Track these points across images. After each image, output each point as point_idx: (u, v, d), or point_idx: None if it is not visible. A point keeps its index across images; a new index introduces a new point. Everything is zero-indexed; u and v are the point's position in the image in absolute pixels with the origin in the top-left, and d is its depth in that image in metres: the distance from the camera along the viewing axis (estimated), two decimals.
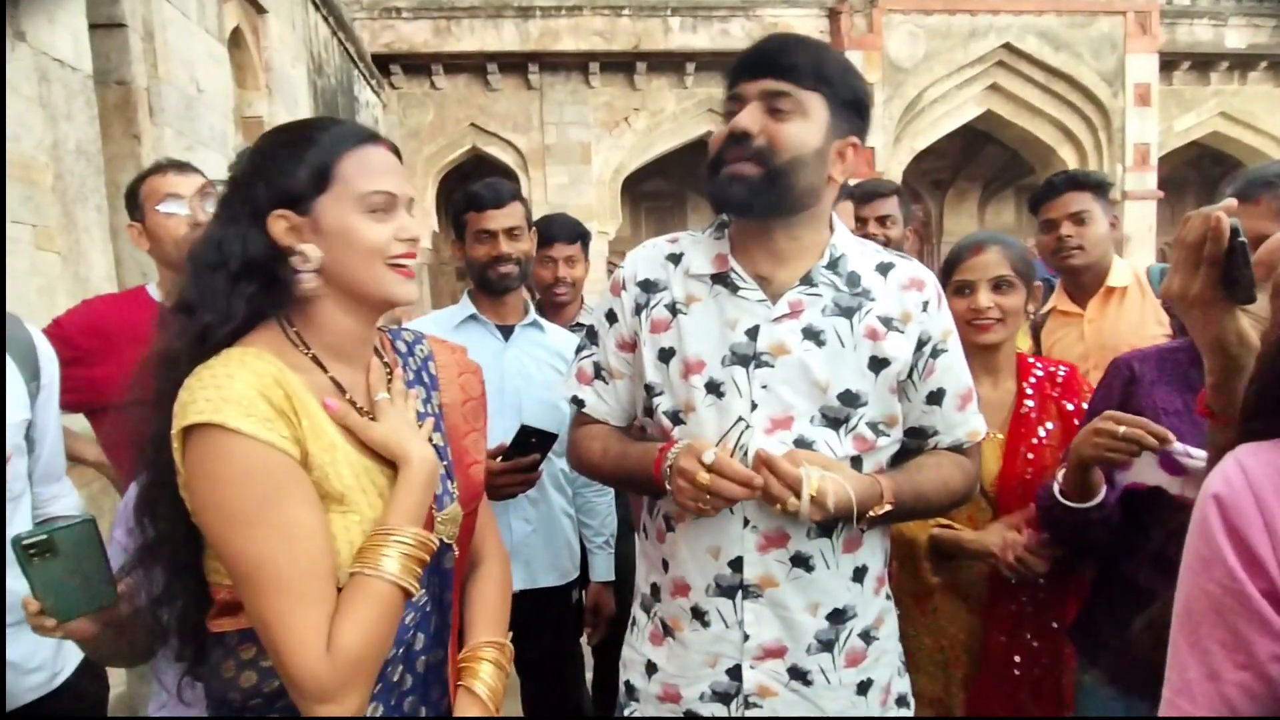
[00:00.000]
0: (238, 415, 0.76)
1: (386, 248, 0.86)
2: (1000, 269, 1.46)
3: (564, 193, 11.28)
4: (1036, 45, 11.17)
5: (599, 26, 10.94)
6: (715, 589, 1.09)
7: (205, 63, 4.35)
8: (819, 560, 1.08)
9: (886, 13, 10.96)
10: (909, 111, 11.37)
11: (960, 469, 1.15)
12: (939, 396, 1.14)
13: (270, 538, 0.76)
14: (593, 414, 1.21)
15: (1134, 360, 1.27)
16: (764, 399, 1.06)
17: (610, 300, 1.19)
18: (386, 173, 0.87)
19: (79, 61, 2.93)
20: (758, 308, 1.09)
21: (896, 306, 1.11)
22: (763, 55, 1.04)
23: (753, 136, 1.03)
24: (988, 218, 15.66)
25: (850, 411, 1.07)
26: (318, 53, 7.12)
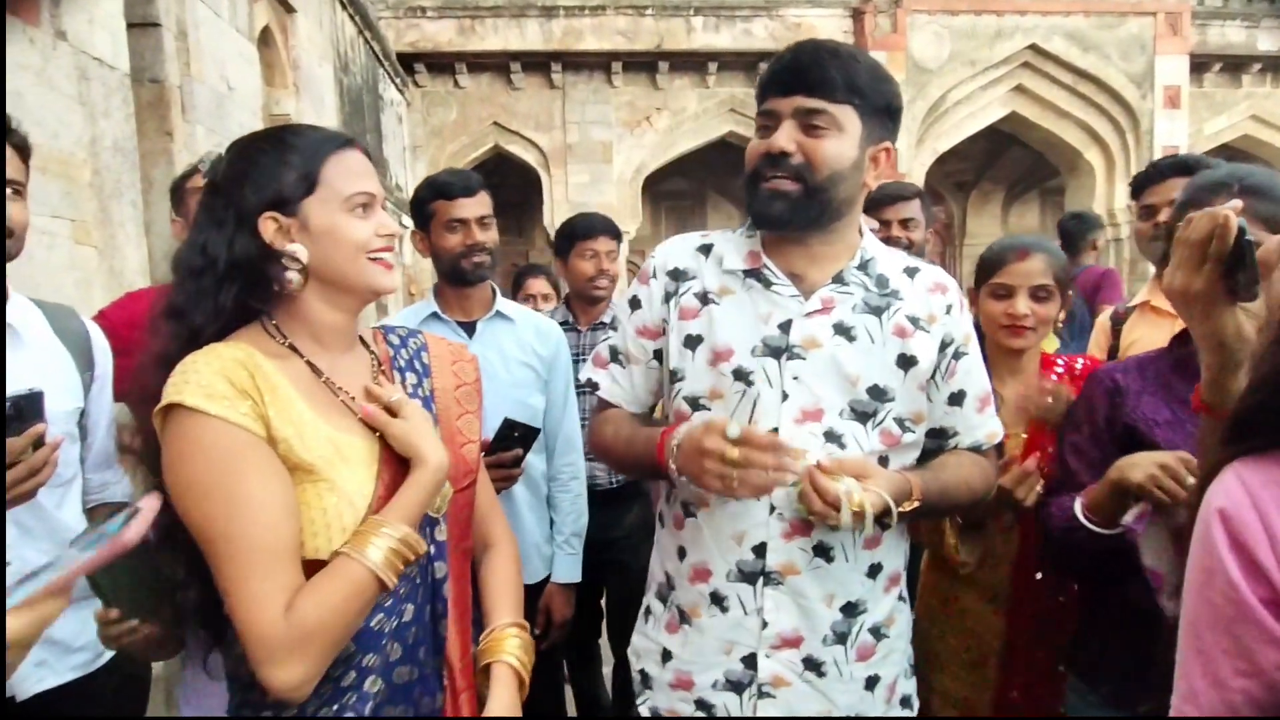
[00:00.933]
0: (196, 395, 0.82)
1: (369, 243, 0.93)
2: (1043, 278, 1.47)
3: (585, 191, 11.32)
4: (1064, 46, 11.04)
5: (622, 26, 10.97)
6: (737, 574, 1.11)
7: (236, 61, 4.43)
8: (839, 552, 1.10)
9: (911, 13, 10.89)
10: (932, 113, 11.28)
11: (980, 469, 1.18)
12: (960, 398, 1.17)
13: (227, 508, 0.80)
14: (607, 398, 1.23)
15: (1115, 372, 1.26)
16: (795, 390, 1.09)
17: (637, 288, 1.21)
18: (365, 175, 0.94)
19: (117, 60, 3.00)
20: (790, 303, 1.11)
21: (923, 308, 1.14)
22: (795, 71, 1.05)
23: (790, 155, 1.06)
24: (1011, 220, 15.50)
25: (878, 406, 1.09)
26: (344, 51, 7.21)
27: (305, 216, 0.90)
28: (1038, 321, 1.46)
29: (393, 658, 0.90)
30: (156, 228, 3.29)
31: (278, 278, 0.89)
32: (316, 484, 0.87)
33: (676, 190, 14.36)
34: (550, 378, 1.92)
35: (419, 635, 0.93)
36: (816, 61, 1.06)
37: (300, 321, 0.93)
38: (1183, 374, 1.18)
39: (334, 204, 0.90)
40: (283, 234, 0.89)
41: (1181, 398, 1.17)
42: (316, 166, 0.90)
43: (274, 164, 0.89)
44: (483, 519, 1.10)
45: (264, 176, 0.89)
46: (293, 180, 0.89)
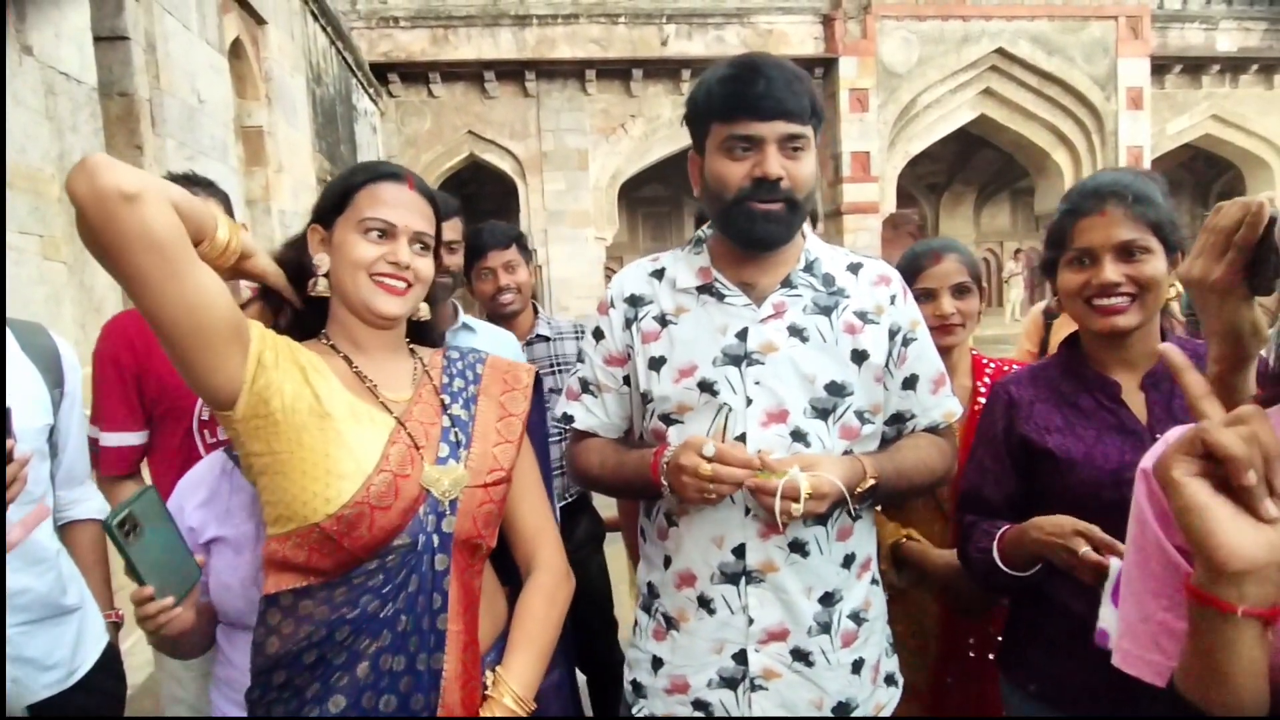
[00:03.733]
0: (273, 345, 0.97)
1: (372, 264, 0.99)
2: (960, 276, 1.53)
3: (561, 199, 11.33)
4: (1029, 50, 11.27)
5: (595, 34, 11.02)
6: (720, 576, 1.15)
7: (206, 73, 4.40)
8: (814, 546, 1.14)
9: (880, 19, 11.05)
10: (903, 116, 11.45)
11: (937, 448, 1.22)
12: (913, 381, 1.21)
13: None
14: (584, 428, 1.26)
15: (1010, 384, 1.28)
16: (758, 394, 1.13)
17: (599, 319, 1.25)
18: (393, 205, 1.01)
19: (84, 74, 2.98)
20: (745, 311, 1.16)
21: (869, 301, 1.18)
22: (777, 98, 1.08)
23: (781, 180, 1.10)
24: (983, 221, 15.74)
25: (837, 401, 1.13)
26: (316, 62, 7.18)
27: (333, 231, 1.01)
28: (964, 317, 1.53)
29: (383, 644, 0.91)
30: None
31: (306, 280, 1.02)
32: (323, 430, 0.93)
33: (653, 196, 14.42)
34: None
35: (409, 625, 0.93)
36: (792, 88, 1.09)
37: (338, 325, 1.05)
38: (1073, 378, 1.21)
39: (352, 223, 1.00)
40: (322, 245, 1.02)
41: (1072, 402, 1.20)
42: (353, 190, 1.01)
43: (333, 185, 1.04)
44: (529, 539, 1.11)
45: (324, 194, 1.04)
46: (332, 200, 1.02)
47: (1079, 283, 1.16)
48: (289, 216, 5.98)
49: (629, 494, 1.29)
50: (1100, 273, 1.13)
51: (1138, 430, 1.15)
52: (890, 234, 3.49)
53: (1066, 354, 1.26)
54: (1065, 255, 1.18)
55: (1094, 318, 1.16)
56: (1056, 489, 1.16)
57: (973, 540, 1.24)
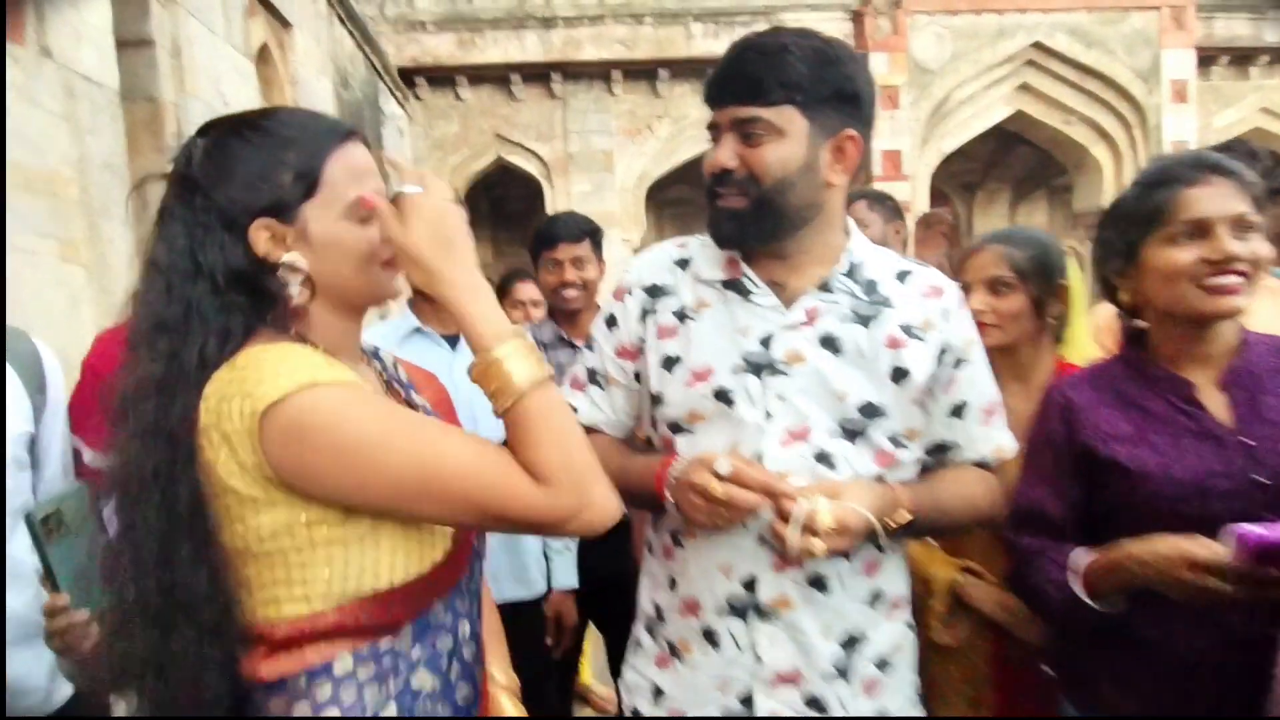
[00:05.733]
0: (330, 374, 0.75)
1: (379, 252, 0.83)
2: (994, 269, 1.39)
3: (588, 200, 11.29)
4: (1067, 43, 10.95)
5: (621, 35, 10.96)
6: (727, 609, 1.04)
7: (232, 78, 4.41)
8: (835, 581, 1.03)
9: (911, 14, 10.83)
10: (936, 113, 11.20)
11: (985, 485, 1.11)
12: (962, 409, 1.09)
13: (421, 440, 0.75)
14: (587, 423, 1.15)
15: (1066, 388, 1.15)
16: (779, 409, 1.02)
17: (612, 305, 1.15)
18: (370, 173, 0.84)
19: (105, 77, 2.97)
20: (771, 314, 1.05)
21: (917, 314, 1.06)
22: (726, 79, 1.00)
23: (733, 170, 1.01)
24: (1019, 219, 15.38)
25: (869, 424, 1.02)
26: (343, 66, 7.21)
27: (304, 223, 0.79)
28: (1000, 318, 1.37)
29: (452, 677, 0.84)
30: None
31: (277, 291, 0.78)
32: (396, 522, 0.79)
33: (680, 198, 14.32)
34: None
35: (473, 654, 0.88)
36: (743, 66, 1.00)
37: (319, 332, 0.83)
38: (1138, 378, 1.09)
39: (337, 210, 0.80)
40: (277, 243, 0.79)
41: (1140, 406, 1.07)
42: (318, 165, 0.79)
43: (266, 160, 0.77)
44: None
45: (255, 175, 0.76)
46: (290, 181, 0.78)
47: (1189, 260, 1.01)
48: None
49: (630, 503, 1.20)
50: (1219, 245, 1.00)
51: (1220, 435, 1.02)
52: (922, 233, 3.38)
53: (1128, 351, 1.14)
54: (1164, 231, 1.04)
55: (1205, 299, 1.02)
56: (1128, 504, 1.03)
57: (1039, 569, 1.10)
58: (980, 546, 1.36)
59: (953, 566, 1.35)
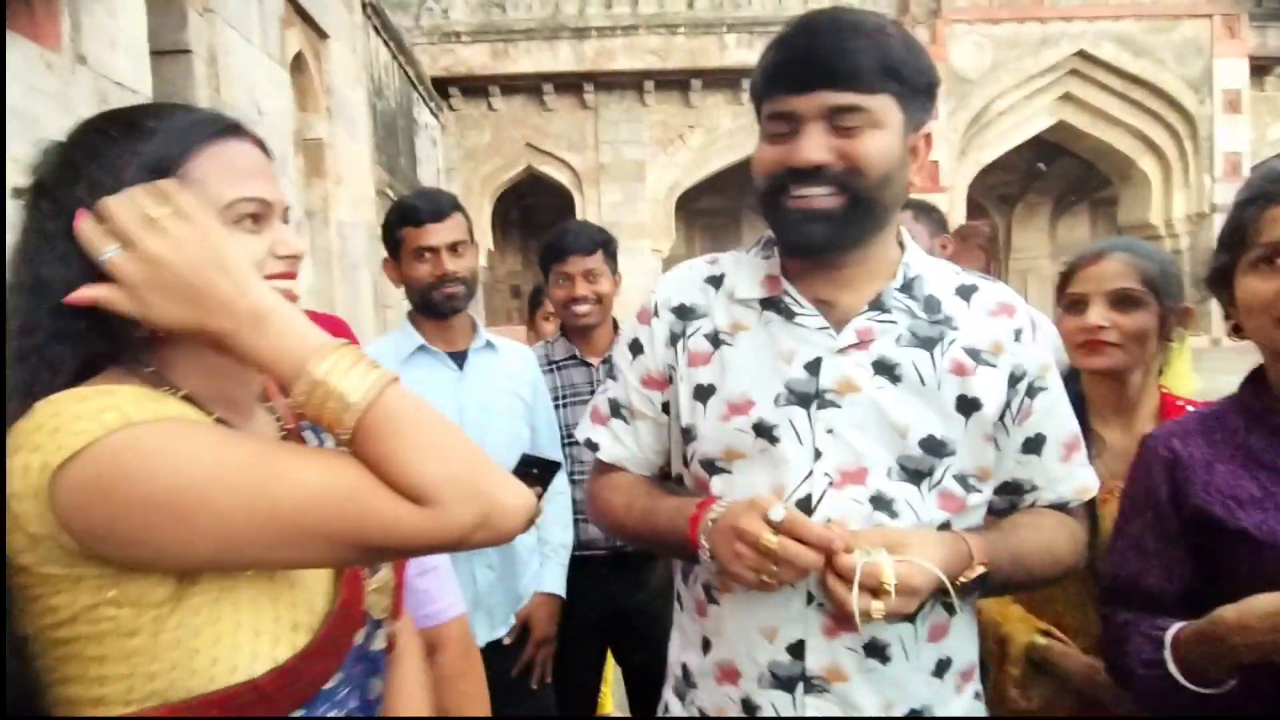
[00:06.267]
0: (120, 414, 0.58)
1: (260, 267, 0.68)
2: (1122, 280, 1.20)
3: (618, 210, 11.24)
4: (1114, 52, 10.69)
5: (654, 45, 10.93)
6: (770, 679, 0.90)
7: (267, 86, 4.41)
8: (897, 649, 0.89)
9: (951, 23, 10.67)
10: (975, 124, 11.00)
11: (1066, 530, 0.97)
12: (1038, 444, 0.95)
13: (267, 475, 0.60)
14: (610, 460, 1.03)
15: (1172, 438, 0.98)
16: (830, 446, 0.89)
17: (637, 329, 1.02)
18: (256, 174, 0.70)
19: (139, 85, 2.95)
20: (818, 337, 0.91)
21: (985, 336, 0.93)
22: (815, 59, 0.85)
23: (825, 166, 0.86)
24: (1060, 233, 15.03)
25: (935, 462, 0.89)
26: (378, 76, 7.24)
27: None
28: (1123, 336, 1.18)
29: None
30: None
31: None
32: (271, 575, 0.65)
33: (711, 208, 14.24)
34: (534, 404, 1.79)
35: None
36: (841, 45, 0.85)
37: (182, 371, 0.68)
38: (1263, 429, 0.92)
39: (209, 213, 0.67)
40: None
41: (1267, 463, 0.90)
42: (179, 159, 0.66)
43: (120, 155, 0.65)
44: None
45: (103, 172, 0.64)
46: (135, 175, 0.64)
47: (1271, 291, 0.85)
48: (347, 228, 6.00)
49: (659, 550, 1.07)
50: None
51: None
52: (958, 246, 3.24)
53: (1246, 395, 0.97)
54: (1247, 255, 0.89)
55: None
56: (1253, 580, 0.85)
57: (1131, 647, 0.94)
58: (1069, 597, 1.22)
59: (1031, 627, 1.21)
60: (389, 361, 1.68)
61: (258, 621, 0.64)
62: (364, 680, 0.74)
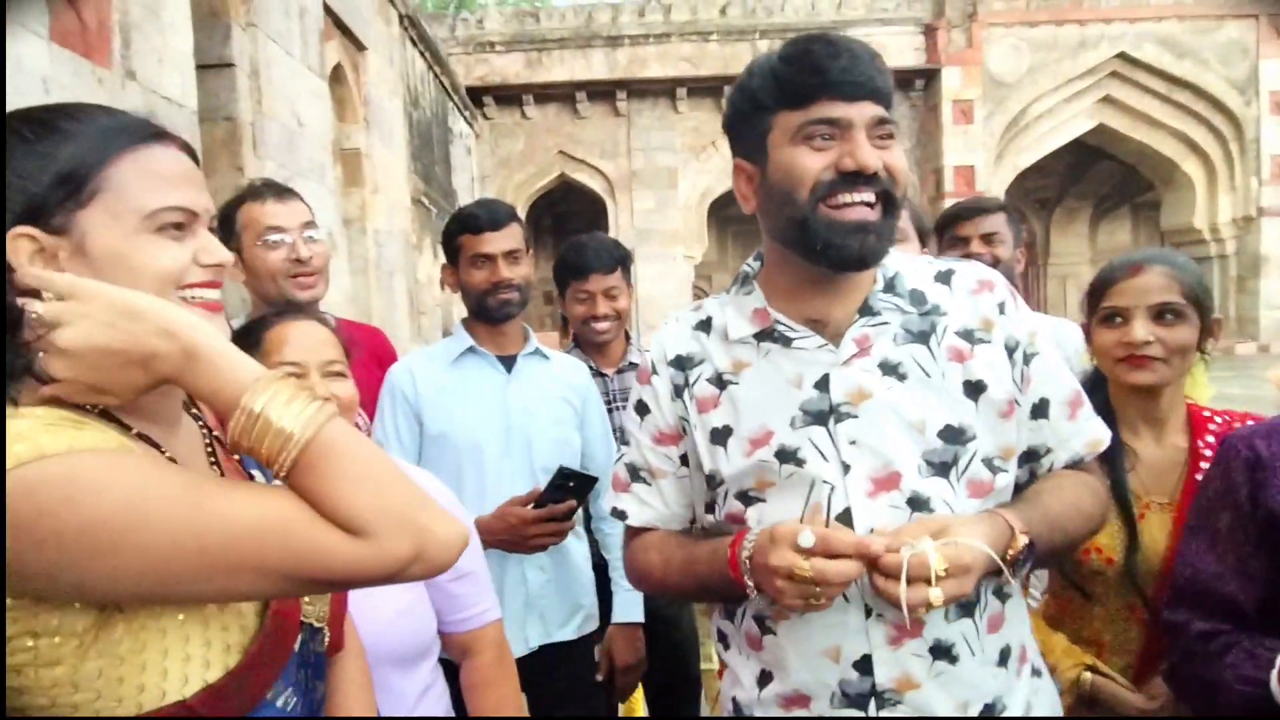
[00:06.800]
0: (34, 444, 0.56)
1: (181, 275, 0.67)
2: (1165, 294, 1.18)
3: (650, 217, 11.28)
4: (1155, 53, 10.44)
5: (687, 52, 10.97)
6: (841, 698, 0.89)
7: (307, 98, 4.54)
8: (963, 647, 0.89)
9: (987, 27, 10.52)
10: (1012, 128, 10.82)
11: (1088, 487, 0.97)
12: (1044, 408, 0.96)
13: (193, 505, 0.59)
14: (639, 524, 1.04)
15: (1255, 438, 0.96)
16: (857, 457, 0.90)
17: (639, 390, 1.04)
18: (181, 181, 0.68)
19: (185, 99, 3.07)
20: (820, 355, 0.93)
21: (973, 315, 0.95)
22: (864, 73, 0.89)
23: (878, 174, 0.89)
24: (1100, 239, 14.69)
25: (958, 450, 0.90)
26: (414, 86, 7.40)
27: (81, 235, 0.64)
28: (1168, 350, 1.17)
29: None
30: None
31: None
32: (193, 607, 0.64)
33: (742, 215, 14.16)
34: (585, 415, 1.80)
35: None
36: (876, 64, 0.90)
37: None
38: None
39: (128, 221, 0.65)
40: (45, 259, 0.63)
41: None
42: (98, 164, 0.64)
43: (34, 158, 0.63)
44: None
45: (17, 175, 0.63)
46: (51, 181, 0.63)
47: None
48: (383, 235, 6.13)
49: (707, 596, 1.04)
50: None
51: None
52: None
53: None
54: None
55: None
56: None
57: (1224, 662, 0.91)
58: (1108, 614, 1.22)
59: (1077, 660, 1.19)
60: (438, 364, 1.73)
61: (187, 647, 0.63)
62: (309, 683, 0.74)
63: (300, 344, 0.98)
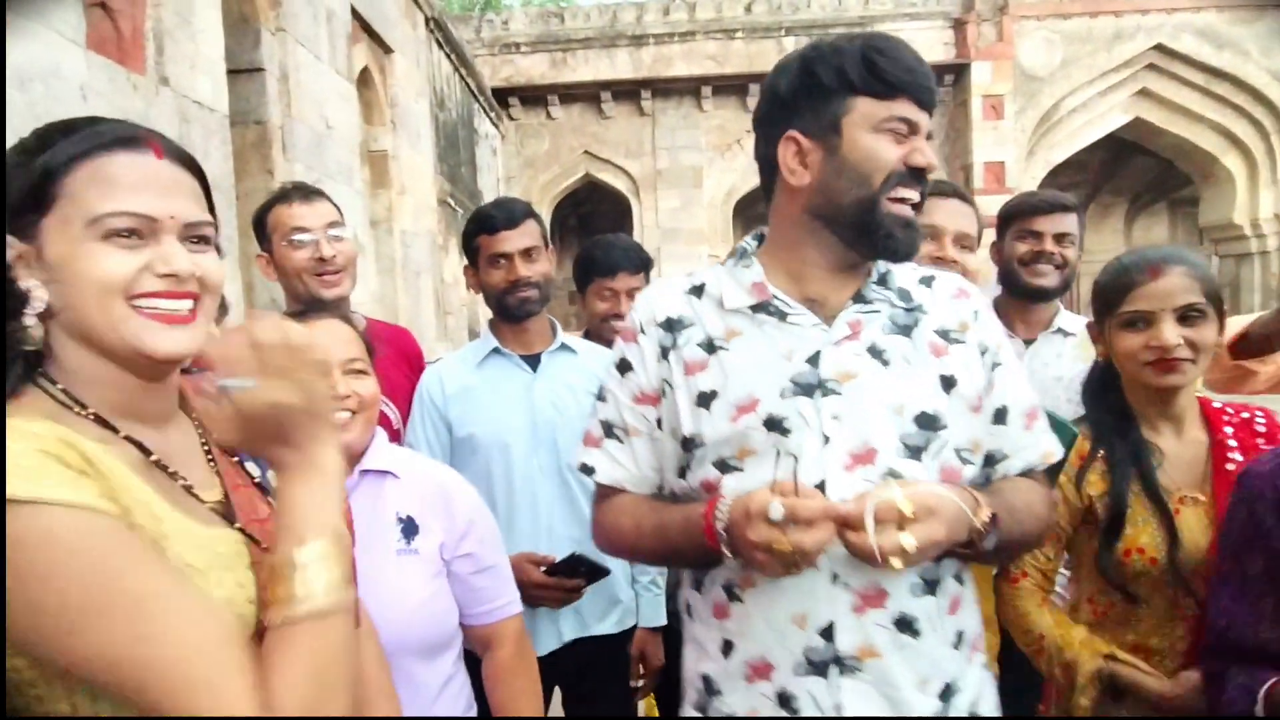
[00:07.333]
0: (23, 482, 0.57)
1: (128, 284, 0.66)
2: (1189, 295, 1.18)
3: (675, 216, 11.27)
4: (1194, 44, 10.18)
5: (712, 51, 10.93)
6: (806, 666, 0.92)
7: (335, 101, 4.60)
8: (925, 623, 0.92)
9: (1019, 20, 10.34)
10: (1044, 123, 10.63)
11: (1040, 492, 1.04)
12: (1004, 415, 1.02)
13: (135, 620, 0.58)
14: (609, 482, 1.06)
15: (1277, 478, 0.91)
16: (838, 431, 0.94)
17: (623, 348, 1.07)
18: (138, 187, 0.67)
19: (216, 103, 3.13)
20: (814, 333, 0.98)
21: (951, 317, 1.02)
22: (934, 88, 0.99)
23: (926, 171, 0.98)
24: (1136, 235, 14.37)
25: (931, 436, 0.95)
26: (440, 88, 7.46)
27: (41, 243, 0.66)
28: (1195, 351, 1.18)
29: None
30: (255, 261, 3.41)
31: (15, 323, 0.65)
32: None
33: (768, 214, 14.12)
34: None
35: None
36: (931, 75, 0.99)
37: (86, 386, 0.68)
38: None
39: (76, 227, 0.65)
40: (23, 264, 0.66)
41: None
42: (57, 173, 0.65)
43: (22, 169, 0.66)
44: None
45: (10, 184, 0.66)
46: (22, 190, 0.65)
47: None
48: (410, 236, 6.20)
49: (678, 561, 1.09)
50: None
51: None
52: None
53: None
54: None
55: None
56: None
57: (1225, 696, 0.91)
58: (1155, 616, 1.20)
59: (1096, 651, 1.19)
60: (466, 367, 1.74)
61: None
62: None
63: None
